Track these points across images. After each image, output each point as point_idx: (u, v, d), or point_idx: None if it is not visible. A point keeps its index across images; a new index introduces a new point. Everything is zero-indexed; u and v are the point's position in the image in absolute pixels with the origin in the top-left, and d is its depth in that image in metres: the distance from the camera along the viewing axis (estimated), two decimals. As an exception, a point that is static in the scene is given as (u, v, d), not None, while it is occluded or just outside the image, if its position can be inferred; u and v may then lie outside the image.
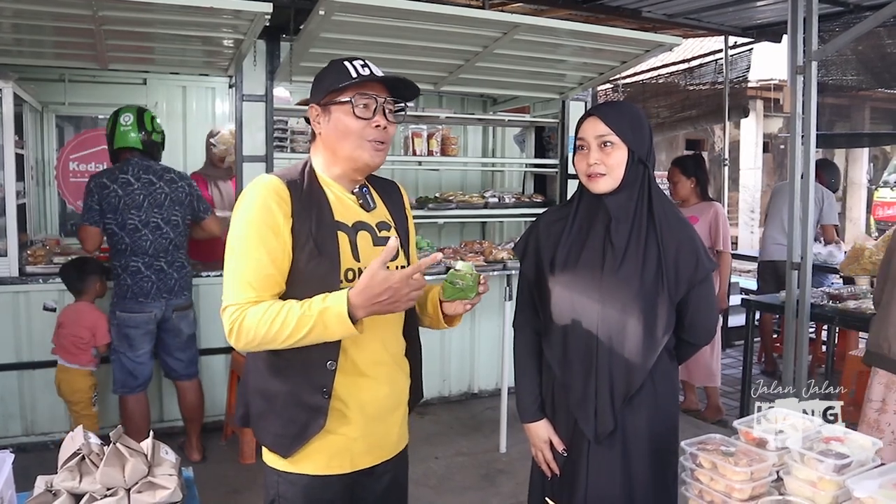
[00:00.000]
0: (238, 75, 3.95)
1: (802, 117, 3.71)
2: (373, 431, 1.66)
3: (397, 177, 5.41)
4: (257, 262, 1.52)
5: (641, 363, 1.73)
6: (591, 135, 1.77)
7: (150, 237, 3.52)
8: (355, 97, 1.59)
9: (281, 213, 1.54)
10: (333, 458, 1.62)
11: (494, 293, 4.85)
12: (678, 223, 1.81)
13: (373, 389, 1.64)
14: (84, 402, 3.61)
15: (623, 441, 1.77)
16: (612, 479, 1.76)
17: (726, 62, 6.74)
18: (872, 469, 1.36)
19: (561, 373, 1.81)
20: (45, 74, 4.94)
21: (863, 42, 6.04)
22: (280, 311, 1.47)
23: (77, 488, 1.41)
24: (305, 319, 1.46)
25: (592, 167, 1.75)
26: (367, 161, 1.62)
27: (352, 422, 1.61)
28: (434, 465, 3.86)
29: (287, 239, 1.54)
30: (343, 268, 1.57)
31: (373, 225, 1.67)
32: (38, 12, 3.02)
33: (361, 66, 1.61)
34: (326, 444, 1.60)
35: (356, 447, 1.63)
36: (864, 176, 14.03)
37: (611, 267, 1.75)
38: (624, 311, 1.73)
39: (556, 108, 4.96)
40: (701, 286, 1.79)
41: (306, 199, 1.58)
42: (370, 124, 1.60)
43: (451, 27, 3.43)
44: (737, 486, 1.40)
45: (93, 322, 3.58)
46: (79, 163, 5.30)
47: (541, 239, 1.88)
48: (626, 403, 1.75)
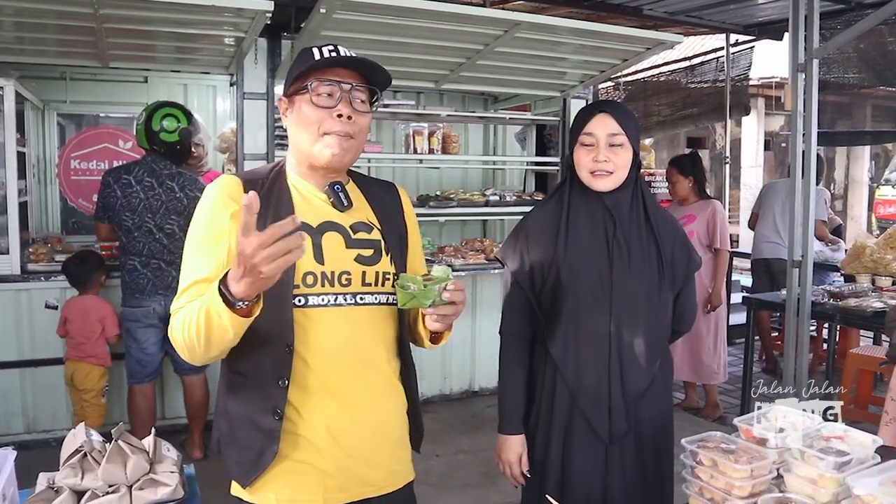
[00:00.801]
0: (239, 73, 3.96)
1: (804, 115, 3.71)
2: (351, 468, 1.43)
3: (398, 175, 5.42)
4: (195, 268, 1.39)
5: (652, 359, 1.75)
6: (602, 132, 1.73)
7: (143, 240, 3.54)
8: (313, 83, 1.42)
9: (227, 214, 1.40)
10: (301, 490, 1.41)
11: (495, 291, 4.86)
12: (668, 220, 1.86)
13: (349, 416, 1.42)
14: (95, 391, 3.65)
15: (636, 437, 1.77)
16: (631, 477, 1.77)
17: (727, 60, 6.73)
18: (872, 466, 1.36)
19: (571, 376, 1.77)
20: (47, 72, 4.95)
21: (864, 40, 6.03)
22: (188, 311, 1.30)
23: (79, 485, 1.42)
24: (200, 308, 1.26)
25: (601, 165, 1.72)
26: (326, 158, 1.43)
27: (320, 451, 1.40)
28: (435, 462, 3.86)
29: (233, 243, 1.34)
30: (300, 271, 1.39)
31: (346, 226, 1.48)
32: (39, 10, 3.02)
33: (329, 51, 1.43)
34: (290, 472, 1.40)
35: (330, 482, 1.41)
36: (866, 174, 14.01)
37: (620, 266, 1.74)
38: (635, 308, 1.74)
39: (557, 105, 4.97)
40: (691, 278, 1.87)
41: (265, 199, 1.39)
42: (331, 114, 1.41)
43: (452, 25, 3.43)
44: (737, 483, 1.40)
45: (101, 314, 3.63)
46: (80, 161, 5.30)
47: (532, 241, 1.82)
48: (639, 399, 1.76)
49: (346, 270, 1.44)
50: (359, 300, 1.44)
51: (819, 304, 4.05)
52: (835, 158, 13.96)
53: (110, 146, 5.36)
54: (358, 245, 1.47)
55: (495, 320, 2.10)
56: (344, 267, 1.44)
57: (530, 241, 1.83)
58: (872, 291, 4.25)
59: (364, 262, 1.47)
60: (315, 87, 1.42)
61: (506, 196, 4.91)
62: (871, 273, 4.53)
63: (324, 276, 1.41)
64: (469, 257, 4.49)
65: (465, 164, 5.75)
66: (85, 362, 3.61)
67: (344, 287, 1.43)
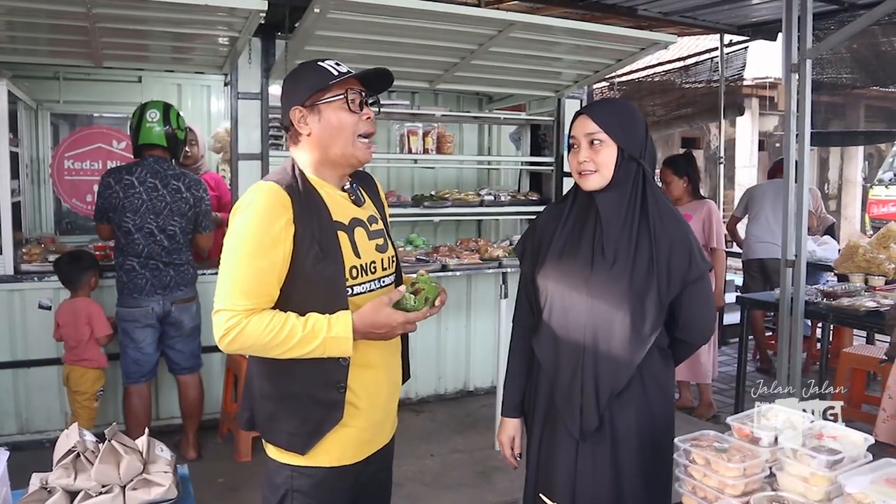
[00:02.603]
0: (233, 73, 3.95)
1: (797, 115, 3.72)
2: (377, 420, 1.70)
3: (393, 175, 5.42)
4: (256, 271, 1.53)
5: (628, 361, 1.73)
6: (581, 133, 1.79)
7: (143, 242, 3.49)
8: (347, 92, 1.62)
9: (283, 220, 1.54)
10: (347, 449, 1.65)
11: (489, 291, 4.86)
12: (673, 221, 1.79)
13: (377, 379, 1.69)
14: (89, 394, 3.62)
15: (611, 438, 1.76)
16: (600, 477, 1.76)
17: (721, 60, 6.75)
18: (864, 465, 1.37)
19: (550, 370, 1.82)
20: (40, 72, 4.93)
21: (857, 40, 6.05)
22: (283, 327, 1.51)
23: (72, 485, 1.42)
24: (307, 340, 1.51)
25: (582, 164, 1.78)
26: (360, 157, 1.65)
27: (363, 413, 1.65)
28: (430, 462, 3.86)
29: (288, 247, 1.55)
30: (347, 266, 1.60)
31: (365, 220, 1.71)
32: (32, 9, 3.01)
33: (337, 65, 1.64)
34: (341, 436, 1.63)
35: (364, 437, 1.68)
36: (860, 174, 14.06)
37: (600, 265, 1.75)
38: (612, 309, 1.73)
39: (551, 105, 4.97)
40: (694, 285, 1.77)
41: (306, 203, 1.58)
42: (361, 117, 1.64)
43: (446, 25, 3.44)
44: (730, 482, 1.41)
45: (89, 315, 3.58)
46: (74, 161, 5.28)
47: (537, 238, 1.92)
48: (614, 400, 1.75)
49: (373, 260, 1.69)
50: (382, 283, 1.71)
51: (812, 303, 4.06)
52: (828, 159, 14.01)
53: (104, 146, 5.34)
54: (375, 236, 1.72)
55: (490, 320, 2.14)
56: (371, 257, 1.68)
57: (536, 236, 1.93)
58: (865, 291, 4.26)
59: (380, 250, 1.72)
60: (350, 97, 1.62)
61: (500, 196, 4.91)
62: (865, 273, 4.56)
63: (362, 267, 1.65)
64: (464, 257, 4.49)
65: (460, 164, 5.75)
66: (79, 366, 3.59)
67: (373, 274, 1.69)
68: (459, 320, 4.89)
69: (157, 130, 3.54)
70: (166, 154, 3.59)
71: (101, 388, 3.67)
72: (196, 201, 3.60)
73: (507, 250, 4.60)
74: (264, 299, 1.55)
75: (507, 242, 4.90)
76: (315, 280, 1.57)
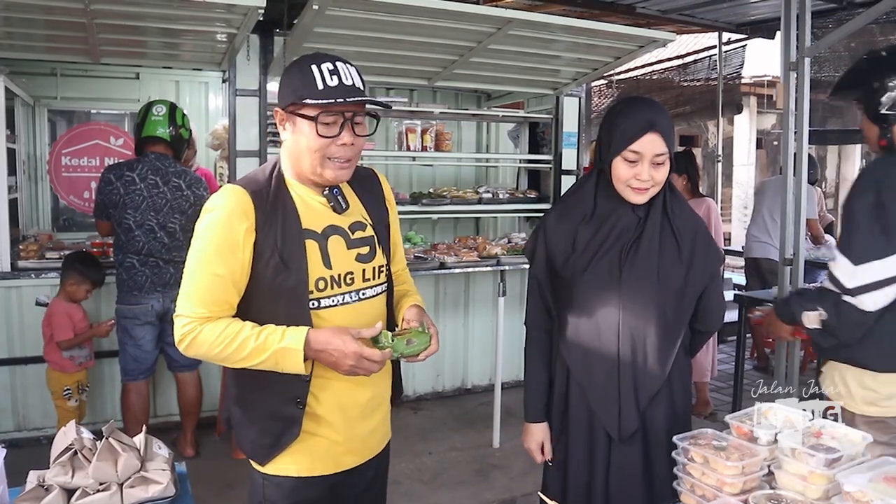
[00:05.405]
0: (231, 70, 3.94)
1: (795, 114, 3.71)
2: (356, 434, 1.64)
3: (391, 172, 5.41)
4: (213, 278, 1.49)
5: (664, 359, 1.74)
6: (650, 151, 1.69)
7: (143, 239, 3.49)
8: (320, 115, 1.49)
9: (243, 227, 1.49)
10: (317, 460, 1.60)
11: (488, 289, 4.86)
12: (690, 216, 1.81)
13: (353, 392, 1.62)
14: (56, 393, 3.59)
15: (643, 438, 1.77)
16: (633, 476, 1.77)
17: (720, 58, 6.76)
18: (862, 463, 1.37)
19: (580, 373, 1.79)
20: (37, 68, 4.91)
21: (855, 39, 6.05)
22: (236, 336, 1.47)
23: (69, 483, 1.41)
24: (258, 351, 1.46)
25: (644, 183, 1.70)
26: (328, 178, 1.55)
27: (333, 425, 1.60)
28: (427, 460, 3.86)
29: (247, 257, 1.50)
30: (312, 278, 1.53)
31: (345, 227, 1.61)
32: (29, 5, 3.00)
33: (330, 74, 1.48)
34: (308, 446, 1.59)
35: (339, 449, 1.62)
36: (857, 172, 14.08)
37: (630, 267, 1.73)
38: (645, 311, 1.73)
39: (550, 103, 4.97)
40: (716, 274, 1.81)
41: (270, 210, 1.52)
42: (335, 142, 1.51)
43: (445, 22, 3.43)
44: (728, 480, 1.41)
45: (50, 316, 3.54)
46: (71, 157, 5.27)
47: (550, 239, 1.84)
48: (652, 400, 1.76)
49: (350, 271, 1.59)
50: (361, 296, 1.61)
51: (810, 301, 4.05)
52: (826, 157, 14.02)
53: (101, 143, 5.33)
54: (357, 244, 1.61)
55: (488, 318, 2.12)
56: (348, 268, 1.59)
57: (548, 235, 1.85)
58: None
59: (363, 259, 1.62)
60: (321, 118, 1.49)
61: (499, 193, 4.91)
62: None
63: (332, 279, 1.56)
64: (462, 255, 4.48)
65: (458, 162, 5.75)
66: (49, 365, 3.59)
67: (349, 286, 1.59)
68: (457, 318, 4.88)
69: (161, 124, 3.56)
70: (168, 151, 3.59)
71: (66, 389, 3.58)
72: (196, 199, 3.60)
73: (506, 248, 4.60)
74: (221, 307, 1.51)
75: (505, 240, 4.90)
76: (275, 291, 1.51)
